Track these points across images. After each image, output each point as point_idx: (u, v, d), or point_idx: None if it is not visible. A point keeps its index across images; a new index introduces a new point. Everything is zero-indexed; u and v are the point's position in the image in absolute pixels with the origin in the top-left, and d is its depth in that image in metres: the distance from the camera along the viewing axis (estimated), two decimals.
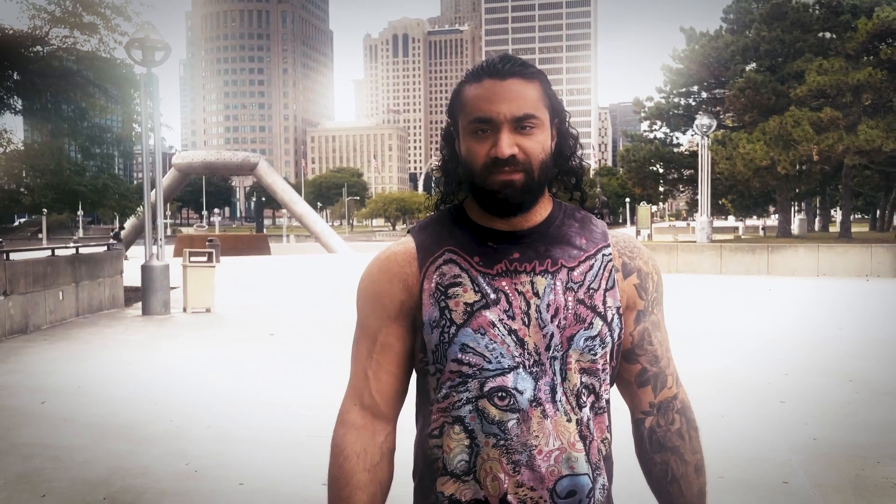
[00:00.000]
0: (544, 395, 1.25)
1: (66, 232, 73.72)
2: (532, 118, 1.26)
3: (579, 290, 1.29)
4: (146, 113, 13.44)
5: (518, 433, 1.24)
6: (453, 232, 1.32)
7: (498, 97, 1.25)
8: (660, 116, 37.75)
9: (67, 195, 17.38)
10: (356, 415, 1.33)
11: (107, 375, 7.67)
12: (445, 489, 1.28)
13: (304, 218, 40.92)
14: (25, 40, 15.39)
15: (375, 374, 1.33)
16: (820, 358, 8.35)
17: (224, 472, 4.63)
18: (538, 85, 1.29)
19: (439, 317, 1.27)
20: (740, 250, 21.98)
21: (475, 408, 1.25)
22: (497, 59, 1.30)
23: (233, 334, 10.42)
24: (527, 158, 1.26)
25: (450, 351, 1.26)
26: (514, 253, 1.29)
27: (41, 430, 5.59)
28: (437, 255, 1.31)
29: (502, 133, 1.24)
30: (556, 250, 1.30)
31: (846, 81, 27.40)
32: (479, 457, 1.25)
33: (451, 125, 1.36)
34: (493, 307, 1.26)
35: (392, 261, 1.34)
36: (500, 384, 1.24)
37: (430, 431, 1.31)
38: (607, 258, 1.34)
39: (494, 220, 1.31)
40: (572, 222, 1.35)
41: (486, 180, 1.26)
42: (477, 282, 1.27)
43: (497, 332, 1.25)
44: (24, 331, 10.62)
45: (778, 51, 33.37)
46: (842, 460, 4.79)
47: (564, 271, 1.29)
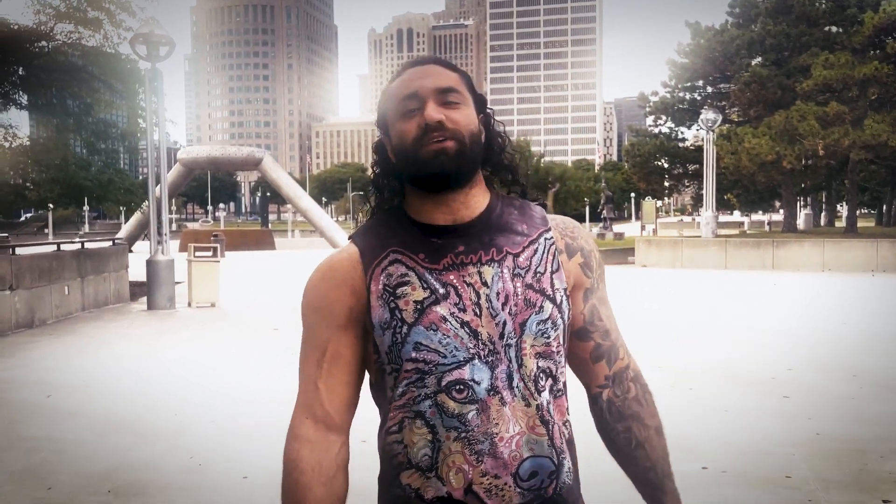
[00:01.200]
0: (501, 383, 1.24)
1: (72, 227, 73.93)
2: (455, 92, 1.29)
3: (527, 275, 1.28)
4: (150, 108, 13.47)
5: (478, 423, 1.23)
6: (396, 232, 1.31)
7: (420, 76, 1.29)
8: (665, 111, 37.61)
9: (73, 190, 17.43)
10: (308, 428, 1.32)
11: (112, 370, 7.71)
12: (412, 482, 1.27)
13: (308, 213, 40.96)
14: (31, 35, 15.42)
15: (327, 385, 1.31)
16: (824, 353, 8.34)
17: (228, 465, 4.65)
18: (458, 75, 1.33)
19: (390, 318, 1.26)
20: (745, 245, 21.93)
21: (434, 403, 1.25)
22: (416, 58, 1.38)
23: (237, 329, 10.45)
24: (456, 127, 1.26)
25: (404, 350, 1.25)
26: (458, 246, 1.28)
27: (46, 424, 5.63)
28: (382, 256, 1.30)
29: (429, 102, 1.27)
30: (500, 238, 1.30)
31: (852, 76, 27.25)
32: (441, 452, 1.25)
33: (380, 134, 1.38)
34: (443, 302, 1.25)
35: (336, 269, 1.32)
36: (458, 377, 1.24)
37: (388, 427, 1.31)
38: (549, 241, 1.34)
39: (435, 215, 1.30)
40: (511, 210, 1.35)
41: (420, 152, 1.26)
42: (424, 278, 1.26)
43: (449, 327, 1.24)
44: (29, 325, 10.67)
45: (784, 45, 33.21)
46: (844, 455, 4.79)
47: (510, 258, 1.29)
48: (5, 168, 17.14)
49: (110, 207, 22.84)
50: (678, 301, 13.72)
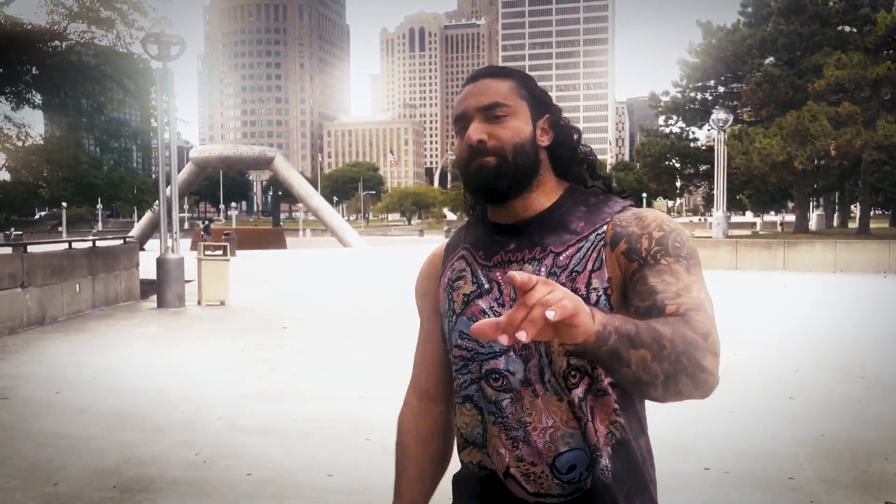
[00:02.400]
0: (534, 377, 1.31)
1: (86, 225, 74.46)
2: (500, 106, 1.33)
3: (562, 274, 1.30)
4: (161, 108, 13.56)
5: (512, 411, 1.31)
6: (473, 231, 1.45)
7: (469, 95, 1.37)
8: (676, 111, 37.47)
9: (85, 189, 17.53)
10: (411, 396, 1.53)
11: (121, 367, 7.77)
12: (472, 458, 1.39)
13: (319, 212, 41.10)
14: (44, 35, 15.54)
15: (422, 362, 1.52)
16: (832, 354, 8.31)
17: (233, 461, 4.69)
18: (511, 80, 1.37)
19: (447, 308, 1.41)
20: (756, 246, 21.83)
21: (479, 388, 1.36)
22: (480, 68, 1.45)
23: (246, 327, 10.51)
24: (498, 143, 1.32)
25: (452, 337, 1.40)
26: (511, 244, 1.36)
27: (56, 420, 5.69)
28: (456, 253, 1.45)
29: (472, 123, 1.34)
30: (550, 237, 1.33)
31: (865, 76, 27.07)
32: (488, 432, 1.35)
33: None
34: (485, 296, 1.35)
35: (429, 261, 1.53)
36: (494, 367, 1.33)
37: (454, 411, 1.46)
38: (600, 237, 1.31)
39: (500, 216, 1.38)
40: (579, 207, 1.35)
41: (467, 172, 1.36)
42: (476, 274, 1.37)
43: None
44: (40, 323, 10.77)
45: (796, 44, 33.01)
46: (849, 456, 4.77)
47: (551, 257, 1.32)
48: (19, 167, 17.29)
49: (123, 206, 22.97)
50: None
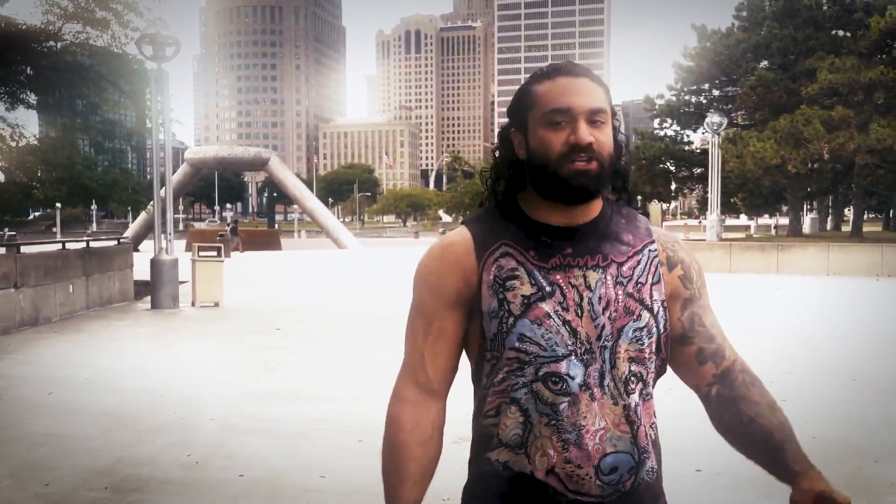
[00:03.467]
0: (593, 381, 1.33)
1: (81, 226, 74.26)
2: (603, 113, 1.35)
3: (628, 284, 1.37)
4: (156, 108, 13.54)
5: (569, 414, 1.32)
6: (508, 226, 1.40)
7: (574, 91, 1.34)
8: (671, 114, 37.60)
9: (79, 189, 17.54)
10: (411, 392, 1.43)
11: (114, 367, 7.76)
12: (500, 457, 1.37)
13: (315, 213, 41.09)
14: (39, 35, 15.52)
15: (431, 355, 1.42)
16: (825, 357, 8.34)
17: (225, 462, 4.69)
18: (604, 89, 1.39)
19: (498, 307, 1.35)
20: (750, 249, 21.90)
21: (530, 390, 1.34)
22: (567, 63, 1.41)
23: (240, 328, 10.50)
24: (600, 150, 1.34)
25: (508, 339, 1.35)
26: (567, 248, 1.36)
27: (48, 420, 5.68)
28: (494, 247, 1.38)
29: (580, 122, 1.33)
30: (606, 246, 1.38)
31: (858, 80, 27.21)
32: (532, 433, 1.34)
33: (511, 125, 1.44)
34: (548, 299, 1.34)
35: (450, 251, 1.41)
36: (554, 370, 1.33)
37: (485, 412, 1.40)
38: (653, 254, 1.42)
39: (551, 215, 1.38)
40: (619, 219, 1.43)
41: (562, 168, 1.33)
42: (533, 275, 1.35)
43: (552, 323, 1.33)
44: (34, 323, 10.75)
45: (790, 48, 33.17)
46: (840, 458, 4.79)
47: (614, 266, 1.37)
48: (13, 167, 17.27)
49: (117, 207, 22.95)
50: None
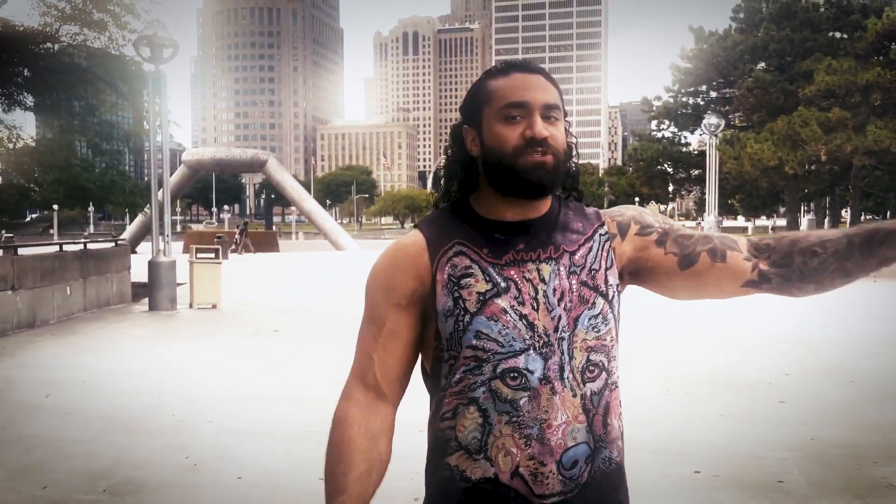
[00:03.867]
0: (553, 374, 1.32)
1: (78, 228, 74.17)
2: (557, 109, 1.37)
3: (581, 272, 1.37)
4: (154, 110, 13.53)
5: (529, 409, 1.31)
6: (460, 226, 1.39)
7: (530, 85, 1.35)
8: (668, 116, 37.66)
9: (77, 191, 17.50)
10: (359, 392, 1.41)
11: (111, 369, 7.75)
12: (459, 463, 1.35)
13: (312, 215, 41.05)
14: (36, 37, 15.50)
15: (381, 358, 1.40)
16: (822, 358, 8.34)
17: (223, 465, 4.68)
18: (557, 89, 1.40)
19: (453, 306, 1.34)
20: None
21: (489, 389, 1.33)
22: (521, 61, 1.42)
23: (237, 330, 10.49)
24: (555, 145, 1.35)
25: (465, 338, 1.34)
26: (519, 244, 1.36)
27: (45, 423, 5.67)
28: (448, 247, 1.38)
29: (536, 116, 1.33)
30: (558, 237, 1.38)
31: (855, 81, 27.26)
32: (492, 434, 1.32)
33: (464, 122, 1.43)
34: (503, 295, 1.34)
35: (403, 252, 1.41)
36: (513, 365, 1.32)
37: (442, 414, 1.38)
38: (604, 237, 1.42)
39: (503, 211, 1.38)
40: (568, 210, 1.43)
41: (518, 161, 1.33)
42: (487, 272, 1.35)
43: (509, 318, 1.33)
44: (31, 325, 10.72)
45: (787, 50, 33.23)
46: (838, 460, 4.79)
47: (567, 256, 1.37)
48: (10, 169, 17.24)
49: (115, 208, 22.90)
50: (677, 305, 13.72)
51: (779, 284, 1.41)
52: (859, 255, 1.34)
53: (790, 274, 1.39)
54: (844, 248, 1.35)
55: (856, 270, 1.36)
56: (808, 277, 1.38)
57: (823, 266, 1.36)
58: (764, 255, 1.40)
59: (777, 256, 1.39)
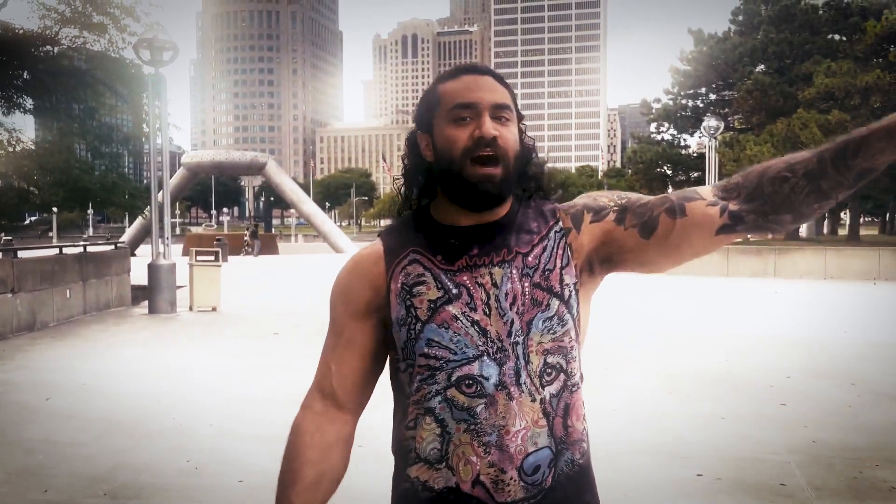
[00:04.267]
0: (509, 379, 1.30)
1: (77, 230, 74.16)
2: (508, 110, 1.33)
3: (535, 274, 1.33)
4: (153, 113, 13.53)
5: (486, 416, 1.29)
6: (418, 233, 1.38)
7: (478, 87, 1.33)
8: (667, 118, 37.68)
9: (76, 194, 17.50)
10: (316, 401, 1.42)
11: (111, 373, 7.73)
12: (420, 474, 1.33)
13: (312, 218, 41.05)
14: (36, 40, 15.51)
15: (337, 367, 1.41)
16: (823, 360, 8.34)
17: (224, 468, 4.67)
18: (508, 90, 1.37)
19: (405, 315, 1.33)
20: (747, 252, 21.91)
21: (444, 398, 1.31)
22: (470, 63, 1.40)
23: (237, 333, 10.48)
24: (505, 146, 1.31)
25: (417, 346, 1.33)
26: (473, 249, 1.34)
27: (45, 426, 5.65)
28: (403, 255, 1.37)
29: (485, 116, 1.31)
30: (512, 239, 1.35)
31: (854, 84, 27.28)
32: (451, 443, 1.30)
33: (417, 129, 1.41)
34: (455, 301, 1.32)
35: (360, 263, 1.41)
36: (467, 373, 1.30)
37: (406, 424, 1.37)
38: (559, 234, 1.37)
39: (460, 217, 1.35)
40: (528, 210, 1.40)
41: (466, 170, 1.30)
42: (440, 279, 1.33)
43: (460, 325, 1.31)
44: (31, 328, 10.71)
45: (786, 53, 33.26)
46: (840, 463, 4.79)
47: (519, 258, 1.34)
48: (10, 172, 17.22)
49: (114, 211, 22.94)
50: (679, 308, 13.72)
51: (753, 221, 1.29)
52: (834, 172, 1.22)
53: (762, 207, 1.27)
54: (816, 167, 1.23)
55: (832, 189, 1.23)
56: (783, 206, 1.27)
57: (796, 190, 1.24)
58: (733, 195, 1.30)
59: (746, 192, 1.28)
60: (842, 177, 1.22)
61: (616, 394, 6.68)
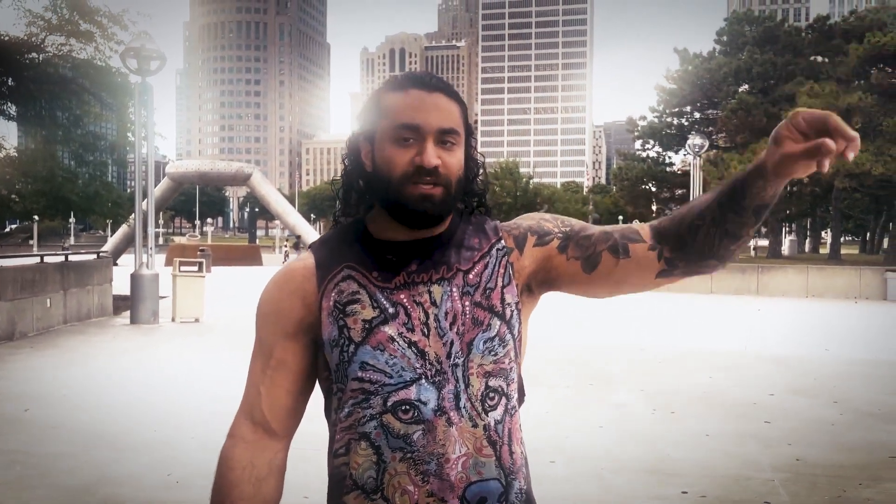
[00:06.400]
0: (448, 404, 1.23)
1: (58, 239, 73.45)
2: (455, 134, 1.26)
3: (476, 292, 1.27)
4: (140, 122, 13.47)
5: (424, 444, 1.22)
6: (352, 247, 1.31)
7: (426, 107, 1.24)
8: (653, 136, 38.03)
9: (59, 202, 17.35)
10: (246, 429, 1.33)
11: (92, 383, 7.64)
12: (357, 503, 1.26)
13: (297, 229, 40.90)
14: (21, 47, 15.42)
15: (268, 391, 1.32)
16: (806, 379, 8.40)
17: (207, 482, 4.57)
18: (458, 106, 1.29)
19: (338, 335, 1.25)
20: (730, 270, 22.07)
21: (380, 423, 1.24)
22: (421, 73, 1.31)
23: (220, 344, 10.40)
24: (447, 173, 1.25)
25: (350, 370, 1.25)
26: (412, 265, 1.27)
27: (25, 438, 5.57)
28: (336, 271, 1.29)
29: (428, 143, 1.23)
30: (452, 255, 1.29)
31: (837, 105, 27.66)
32: (387, 472, 1.23)
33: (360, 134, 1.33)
34: (391, 322, 1.24)
35: (290, 277, 1.32)
36: (403, 397, 1.23)
37: (335, 450, 1.30)
38: (501, 252, 1.32)
39: (397, 232, 1.28)
40: (467, 226, 1.34)
41: (404, 191, 1.24)
42: (375, 297, 1.26)
43: (397, 347, 1.24)
44: (10, 338, 10.57)
45: (770, 73, 33.70)
46: (823, 481, 4.81)
47: (460, 276, 1.28)
48: None
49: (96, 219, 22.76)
50: (662, 325, 13.77)
51: (685, 267, 1.30)
52: (732, 214, 1.22)
53: (689, 255, 1.28)
54: (718, 213, 1.23)
55: (740, 229, 1.24)
56: (704, 253, 1.27)
57: (709, 237, 1.25)
58: (665, 241, 1.29)
59: (674, 240, 1.28)
60: (741, 217, 1.23)
61: (601, 411, 6.68)
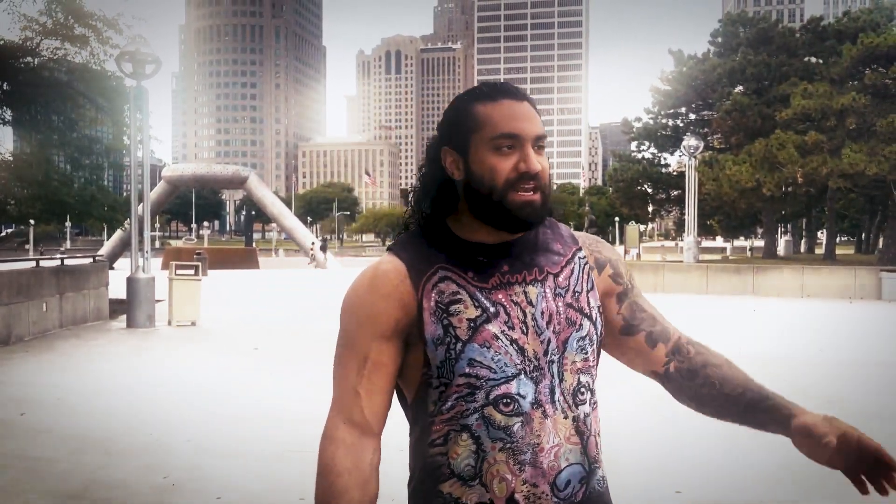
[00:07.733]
0: (544, 397, 1.32)
1: (54, 243, 73.33)
2: (545, 139, 1.36)
3: (566, 294, 1.38)
4: (135, 125, 13.46)
5: (522, 435, 1.31)
6: (441, 248, 1.36)
7: (522, 116, 1.33)
8: (648, 137, 38.09)
9: (55, 206, 17.32)
10: (345, 432, 1.33)
11: (87, 387, 7.63)
12: (453, 490, 1.32)
13: (293, 232, 40.94)
14: (16, 51, 15.41)
15: (367, 393, 1.34)
16: (801, 379, 8.41)
17: (201, 485, 4.62)
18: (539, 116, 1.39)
19: (443, 334, 1.31)
20: (726, 271, 22.12)
21: (481, 416, 1.31)
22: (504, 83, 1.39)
23: (217, 348, 10.39)
24: (544, 178, 1.35)
25: (458, 366, 1.31)
26: (503, 266, 1.35)
27: (19, 442, 5.56)
28: (431, 272, 1.34)
29: (528, 149, 1.32)
30: (540, 258, 1.38)
31: (831, 105, 27.74)
32: (486, 461, 1.31)
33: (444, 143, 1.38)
34: (493, 320, 1.32)
35: (383, 280, 1.34)
36: (505, 391, 1.31)
37: (432, 440, 1.34)
38: (583, 260, 1.43)
39: (482, 233, 1.36)
40: (546, 230, 1.43)
41: (507, 197, 1.31)
42: (476, 297, 1.33)
43: (500, 344, 1.32)
44: (6, 342, 10.55)
45: (764, 74, 33.79)
46: (819, 481, 4.82)
47: (551, 278, 1.37)
48: None
49: (92, 223, 22.72)
50: None
51: (674, 389, 1.49)
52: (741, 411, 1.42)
53: (685, 389, 1.47)
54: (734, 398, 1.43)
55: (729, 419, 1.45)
56: (696, 399, 1.46)
57: (711, 400, 1.45)
58: (678, 359, 1.47)
59: (686, 370, 1.47)
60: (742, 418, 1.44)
61: None
